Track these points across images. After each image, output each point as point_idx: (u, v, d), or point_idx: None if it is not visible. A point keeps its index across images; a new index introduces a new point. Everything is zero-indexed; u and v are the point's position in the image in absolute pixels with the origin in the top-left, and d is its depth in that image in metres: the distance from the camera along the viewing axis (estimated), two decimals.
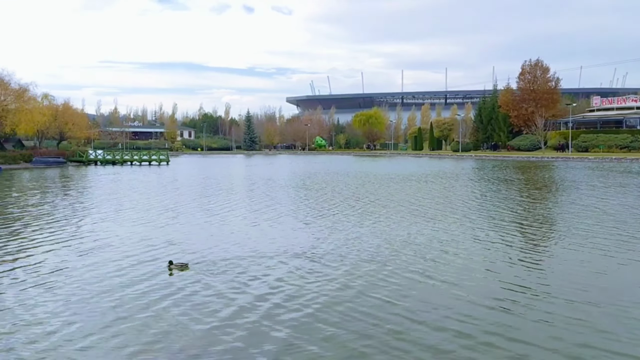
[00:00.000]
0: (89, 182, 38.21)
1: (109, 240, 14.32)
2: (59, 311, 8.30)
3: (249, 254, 12.44)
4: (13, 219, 18.92)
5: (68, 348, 6.90)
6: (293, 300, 8.86)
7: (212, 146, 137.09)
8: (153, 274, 10.60)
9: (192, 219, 18.66)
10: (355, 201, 24.09)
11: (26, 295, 9.19)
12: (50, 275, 10.54)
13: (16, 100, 66.43)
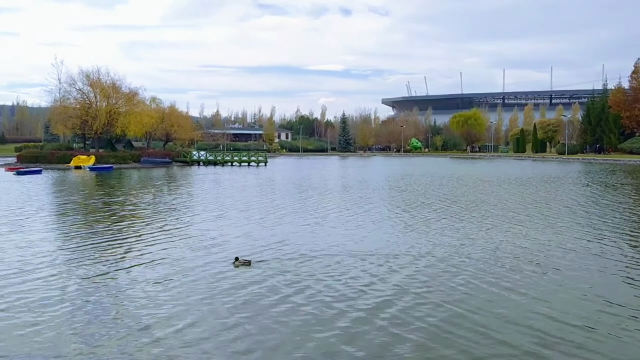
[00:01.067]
0: (193, 182, 39.80)
1: (216, 239, 14.68)
2: (180, 311, 8.42)
3: (343, 252, 12.50)
4: (127, 216, 20.03)
5: (195, 348, 7.03)
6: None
7: (308, 148, 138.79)
8: (259, 276, 10.28)
9: (291, 218, 18.85)
10: (449, 204, 22.69)
11: (147, 294, 9.39)
12: (168, 274, 10.80)
13: (126, 104, 70.99)
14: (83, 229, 16.59)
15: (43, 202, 24.65)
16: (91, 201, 25.40)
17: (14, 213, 20.17)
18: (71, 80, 69.51)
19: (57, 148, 70.96)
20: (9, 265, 11.47)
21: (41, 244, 14.08)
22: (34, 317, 8.14)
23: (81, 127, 67.78)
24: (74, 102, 69.24)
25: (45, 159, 61.90)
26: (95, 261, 11.95)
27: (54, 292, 9.49)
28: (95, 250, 13.15)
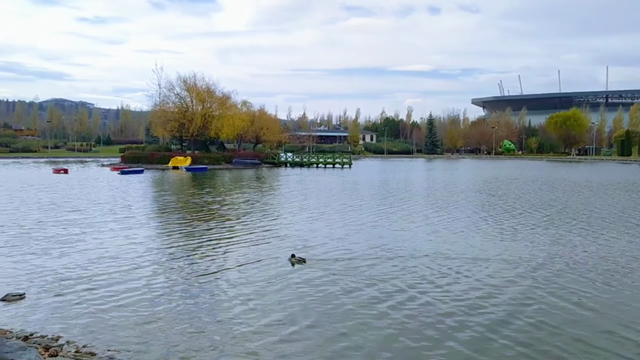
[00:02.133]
0: (281, 183, 40.64)
1: (308, 240, 14.88)
2: (287, 321, 8.30)
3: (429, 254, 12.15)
4: (223, 214, 20.84)
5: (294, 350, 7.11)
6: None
7: (393, 150, 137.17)
8: (354, 282, 10.23)
9: (374, 220, 18.56)
10: (539, 210, 21.29)
11: (246, 297, 9.45)
12: (265, 278, 10.78)
13: (220, 107, 73.96)
14: (183, 227, 17.33)
15: (146, 201, 26.19)
16: (190, 200, 26.55)
17: (121, 210, 21.48)
18: (170, 85, 73.68)
19: (157, 149, 75.35)
20: (122, 262, 12.12)
21: (146, 241, 14.83)
22: (145, 313, 8.53)
23: (179, 129, 71.43)
24: (172, 106, 73.19)
25: (146, 160, 65.96)
26: (196, 259, 12.39)
27: (160, 289, 9.90)
28: (196, 248, 13.65)
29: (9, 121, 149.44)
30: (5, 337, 7.08)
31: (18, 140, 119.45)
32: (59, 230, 16.28)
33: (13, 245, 13.86)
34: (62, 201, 24.63)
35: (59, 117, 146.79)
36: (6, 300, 8.97)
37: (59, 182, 36.95)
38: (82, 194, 28.83)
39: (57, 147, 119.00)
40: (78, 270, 11.22)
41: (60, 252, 13.07)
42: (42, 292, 9.62)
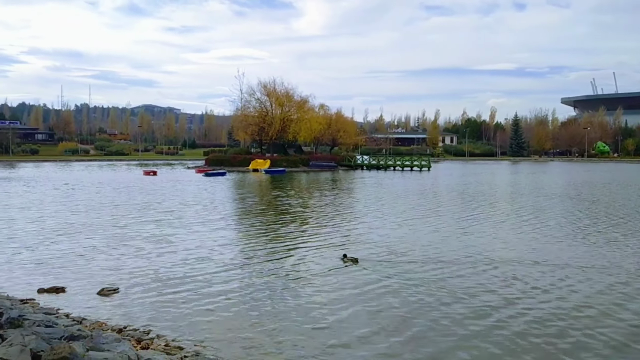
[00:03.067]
0: (357, 185, 40.50)
1: (389, 243, 14.58)
2: (376, 332, 7.98)
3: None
4: (301, 216, 21.02)
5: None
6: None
7: (475, 152, 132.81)
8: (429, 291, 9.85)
9: (456, 226, 18.00)
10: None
11: (329, 302, 9.32)
12: (349, 283, 10.60)
13: (298, 111, 75.09)
14: (265, 229, 17.61)
15: (230, 202, 27.02)
16: (270, 202, 27.06)
17: (208, 212, 22.18)
18: (251, 90, 75.81)
19: (238, 152, 77.71)
20: (210, 262, 12.44)
21: (232, 242, 15.17)
22: (230, 312, 8.64)
23: (258, 133, 73.31)
24: (253, 110, 75.23)
25: (228, 162, 68.21)
26: (279, 261, 12.47)
27: (245, 289, 10.01)
28: (279, 250, 13.77)
29: (104, 126, 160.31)
30: (102, 329, 7.39)
31: (112, 144, 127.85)
32: (153, 230, 16.96)
33: (111, 244, 14.61)
34: (155, 202, 25.79)
35: (148, 122, 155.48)
36: (102, 294, 9.39)
37: (150, 184, 38.92)
38: (172, 195, 30.11)
39: (147, 150, 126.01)
40: (169, 268, 11.61)
41: (153, 250, 13.60)
42: (135, 287, 10.00)
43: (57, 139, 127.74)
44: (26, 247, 13.80)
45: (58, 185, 36.90)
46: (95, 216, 20.19)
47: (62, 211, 21.95)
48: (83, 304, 8.89)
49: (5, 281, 10.34)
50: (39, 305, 8.55)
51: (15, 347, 4.85)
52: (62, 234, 15.93)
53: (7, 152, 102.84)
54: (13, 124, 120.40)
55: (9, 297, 8.95)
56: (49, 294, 9.40)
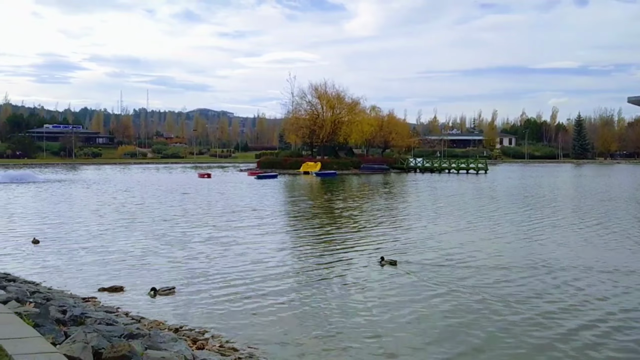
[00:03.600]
0: (409, 188, 40.02)
1: (443, 247, 14.32)
2: (432, 342, 7.75)
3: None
4: (352, 218, 21.07)
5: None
6: None
7: (535, 154, 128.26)
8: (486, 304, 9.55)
9: (515, 231, 17.44)
10: None
11: (383, 307, 9.17)
12: (402, 289, 10.42)
13: (349, 113, 74.98)
14: (318, 232, 17.66)
15: (282, 205, 27.30)
16: (322, 205, 27.10)
17: (262, 214, 22.39)
18: (302, 93, 76.39)
19: (289, 155, 78.45)
20: (264, 264, 12.54)
21: (285, 245, 15.31)
22: (284, 315, 8.65)
23: (309, 136, 73.73)
24: (304, 113, 75.77)
25: (279, 165, 68.93)
26: (333, 264, 12.43)
27: (298, 292, 10.01)
28: (332, 253, 13.73)
29: (161, 130, 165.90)
30: (159, 328, 7.53)
31: (168, 147, 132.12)
32: (208, 232, 17.25)
33: (168, 245, 15.01)
34: (210, 205, 26.26)
35: (203, 125, 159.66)
36: (159, 294, 9.59)
37: (205, 186, 39.82)
38: (226, 198, 30.64)
39: (201, 153, 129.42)
40: (223, 270, 11.75)
41: (208, 252, 13.80)
42: (191, 288, 10.17)
43: (117, 142, 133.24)
44: (88, 247, 14.35)
45: (118, 188, 38.38)
46: (153, 218, 20.79)
47: (122, 212, 22.76)
48: (141, 303, 9.11)
49: (68, 280, 10.75)
50: (100, 304, 8.83)
51: (78, 344, 4.98)
52: (122, 235, 16.47)
53: (70, 155, 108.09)
54: (76, 128, 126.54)
55: (72, 295, 9.29)
56: (109, 293, 9.70)
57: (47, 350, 4.67)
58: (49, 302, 7.50)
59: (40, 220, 19.90)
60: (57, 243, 14.93)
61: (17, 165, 77.95)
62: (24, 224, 18.86)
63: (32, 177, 48.03)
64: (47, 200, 28.25)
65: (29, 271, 11.38)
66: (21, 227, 18.16)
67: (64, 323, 6.36)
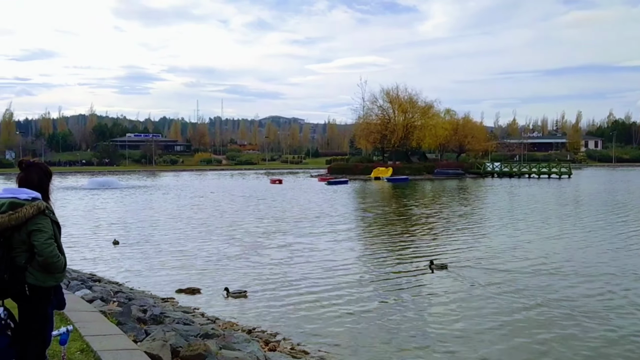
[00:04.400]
0: (486, 194, 38.78)
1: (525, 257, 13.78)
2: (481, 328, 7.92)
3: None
4: (426, 225, 20.79)
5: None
6: None
7: (623, 157, 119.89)
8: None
9: (596, 238, 16.50)
10: None
11: (458, 316, 9.01)
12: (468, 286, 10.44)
13: (422, 117, 73.67)
14: (391, 238, 17.53)
15: (352, 210, 27.22)
16: (394, 211, 26.77)
17: (336, 220, 22.45)
18: (373, 98, 76.07)
19: (360, 161, 78.32)
20: (337, 270, 12.59)
21: (359, 251, 15.32)
22: (355, 319, 8.64)
23: (381, 141, 73.17)
24: (375, 118, 75.37)
25: (350, 171, 68.94)
26: (406, 271, 12.28)
27: (372, 298, 9.95)
28: (406, 260, 13.57)
29: (235, 137, 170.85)
30: (233, 329, 7.70)
31: (242, 154, 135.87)
32: (281, 237, 17.50)
33: (242, 249, 15.47)
34: (282, 211, 26.55)
35: (274, 132, 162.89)
36: (233, 296, 9.83)
37: (277, 192, 40.52)
38: (298, 204, 30.86)
39: (273, 160, 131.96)
40: (295, 275, 11.90)
41: (281, 257, 14.03)
42: (263, 292, 10.37)
43: (194, 150, 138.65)
44: (167, 250, 15.01)
45: (195, 194, 39.91)
46: (229, 223, 21.38)
47: (199, 218, 23.61)
48: (216, 305, 9.37)
49: (148, 280, 11.28)
50: (177, 304, 9.17)
51: (157, 342, 5.17)
52: (199, 239, 17.07)
53: (150, 163, 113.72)
54: (155, 136, 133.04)
55: (152, 295, 9.72)
56: (186, 294, 10.06)
57: (129, 347, 4.89)
58: (130, 301, 7.87)
59: (122, 224, 21.06)
60: (137, 245, 15.76)
61: (102, 173, 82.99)
62: (107, 228, 20.04)
63: (115, 183, 50.98)
64: (129, 206, 29.88)
65: (111, 272, 12.07)
66: (105, 230, 19.31)
67: (145, 322, 6.64)
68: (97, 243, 16.27)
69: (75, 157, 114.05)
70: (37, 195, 3.74)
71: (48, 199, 3.89)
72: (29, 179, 3.83)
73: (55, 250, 3.68)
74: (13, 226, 3.56)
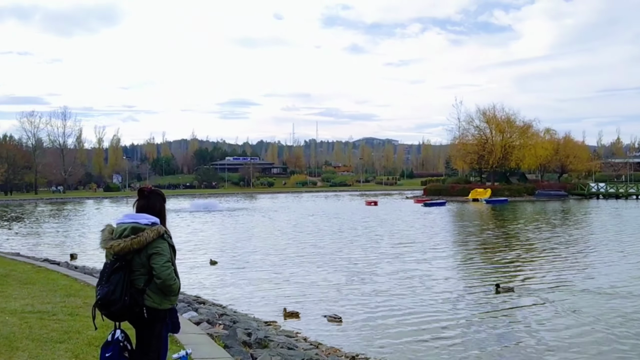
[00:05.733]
0: (592, 216, 36.10)
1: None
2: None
3: None
4: (528, 249, 19.74)
5: None
6: None
7: None
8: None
9: None
10: None
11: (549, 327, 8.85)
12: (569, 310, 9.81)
13: (520, 137, 70.57)
14: (489, 262, 16.74)
15: (453, 233, 26.36)
16: (495, 234, 25.51)
17: (439, 244, 21.75)
18: (469, 118, 74.06)
19: (457, 182, 76.03)
20: (438, 294, 12.12)
21: (461, 275, 14.84)
22: (457, 342, 8.37)
23: (478, 161, 70.85)
24: (471, 138, 73.19)
25: (446, 192, 67.09)
26: (501, 296, 11.58)
27: (473, 324, 9.50)
28: (505, 284, 12.71)
29: (329, 159, 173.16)
30: (336, 355, 7.55)
31: (336, 176, 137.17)
32: (378, 260, 17.24)
33: (340, 274, 15.45)
34: (380, 234, 26.00)
35: (368, 154, 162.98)
36: (331, 321, 9.69)
37: (373, 214, 40.11)
38: (396, 226, 30.20)
39: (367, 181, 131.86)
40: (394, 300, 11.65)
41: (379, 282, 13.82)
42: (360, 317, 10.19)
43: (289, 172, 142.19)
44: (266, 273, 15.26)
45: (293, 216, 40.60)
46: (328, 246, 21.40)
47: (297, 240, 23.87)
48: (316, 329, 9.28)
49: (249, 303, 11.45)
50: (280, 328, 9.16)
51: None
52: (297, 262, 17.23)
53: (248, 185, 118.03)
54: (253, 159, 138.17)
55: (255, 318, 9.80)
56: (286, 318, 10.04)
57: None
58: (235, 324, 7.96)
59: (223, 246, 21.85)
60: (237, 267, 16.23)
61: (203, 195, 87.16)
62: (208, 249, 20.77)
63: (216, 205, 53.10)
64: (229, 228, 30.93)
65: (213, 294, 12.37)
66: (207, 251, 19.95)
67: (250, 345, 6.65)
68: (197, 264, 16.84)
69: (178, 180, 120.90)
70: (156, 220, 3.84)
71: (165, 223, 3.97)
72: (150, 205, 3.95)
73: (172, 273, 3.74)
74: (135, 249, 3.66)
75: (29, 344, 5.38)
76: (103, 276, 3.70)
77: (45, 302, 7.52)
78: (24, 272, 10.98)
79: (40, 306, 7.21)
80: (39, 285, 9.32)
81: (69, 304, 7.47)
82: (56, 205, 63.08)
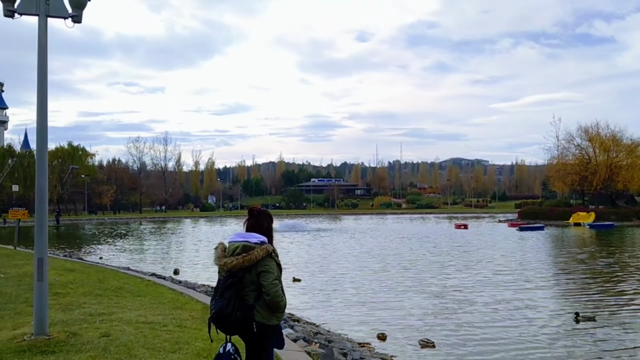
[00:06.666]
0: None
1: None
2: None
3: None
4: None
5: None
6: None
7: None
8: None
9: None
10: None
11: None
12: None
13: (628, 156, 65.62)
14: (592, 292, 15.54)
15: (554, 261, 24.93)
16: (601, 262, 23.70)
17: (540, 273, 20.30)
18: (569, 136, 70.17)
19: (556, 204, 71.87)
20: (535, 326, 11.56)
21: (554, 303, 14.02)
22: None
23: (579, 183, 66.72)
24: (572, 158, 69.20)
25: (543, 215, 63.57)
26: (610, 332, 10.76)
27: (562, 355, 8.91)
28: (616, 318, 11.84)
29: (414, 181, 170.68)
30: None
31: (422, 198, 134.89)
32: (477, 287, 16.54)
33: (430, 299, 15.12)
34: (479, 260, 24.61)
35: (456, 175, 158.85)
36: (422, 346, 9.52)
37: (464, 238, 38.77)
38: (492, 252, 28.72)
39: (455, 203, 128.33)
40: (487, 327, 11.24)
41: (471, 308, 13.40)
42: (452, 343, 9.93)
43: (373, 193, 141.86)
44: (357, 294, 15.28)
45: (379, 238, 40.34)
46: (420, 270, 20.97)
47: (384, 262, 23.69)
48: (409, 353, 9.15)
49: (339, 323, 11.48)
50: (374, 350, 9.12)
51: None
52: (385, 284, 17.08)
53: (332, 206, 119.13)
54: (337, 181, 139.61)
55: (349, 339, 9.84)
56: (375, 340, 9.98)
57: None
58: (330, 343, 8.05)
59: (309, 265, 22.13)
60: (325, 286, 16.40)
61: (290, 215, 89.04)
62: (298, 267, 21.13)
63: (303, 226, 54.62)
64: (317, 248, 31.32)
65: (302, 312, 12.47)
66: (293, 270, 20.08)
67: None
68: (286, 285, 17.01)
69: (266, 201, 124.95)
70: (265, 239, 4.05)
71: (272, 242, 4.17)
72: (260, 224, 4.20)
73: (280, 290, 3.93)
74: (245, 267, 3.89)
75: (145, 352, 5.81)
76: (217, 291, 3.95)
77: (155, 314, 8.07)
78: (135, 285, 11.85)
79: (152, 317, 7.74)
80: (149, 297, 10.02)
81: (177, 316, 7.96)
82: (157, 224, 67.32)
